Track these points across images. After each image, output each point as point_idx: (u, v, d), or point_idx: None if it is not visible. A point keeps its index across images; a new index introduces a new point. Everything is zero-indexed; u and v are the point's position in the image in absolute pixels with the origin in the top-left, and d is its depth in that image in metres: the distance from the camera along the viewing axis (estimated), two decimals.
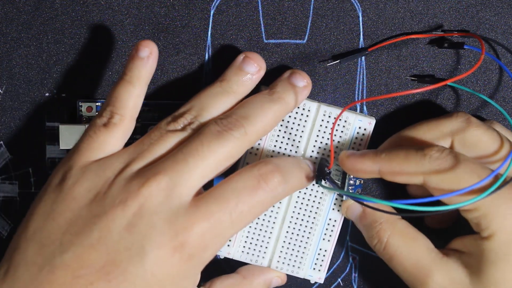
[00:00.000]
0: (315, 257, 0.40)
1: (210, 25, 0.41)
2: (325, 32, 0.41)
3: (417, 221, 0.38)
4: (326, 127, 0.39)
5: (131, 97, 0.36)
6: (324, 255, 0.40)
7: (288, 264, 0.40)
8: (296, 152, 0.39)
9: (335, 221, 0.40)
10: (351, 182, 0.39)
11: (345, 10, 0.40)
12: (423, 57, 0.41)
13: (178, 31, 0.41)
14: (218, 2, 0.40)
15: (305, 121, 0.39)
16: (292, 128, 0.39)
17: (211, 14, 0.41)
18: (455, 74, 0.41)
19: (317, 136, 0.39)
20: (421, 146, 0.35)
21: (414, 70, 0.41)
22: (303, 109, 0.39)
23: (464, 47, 0.39)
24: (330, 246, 0.40)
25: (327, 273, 0.41)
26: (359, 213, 0.38)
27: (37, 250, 0.32)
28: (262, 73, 0.38)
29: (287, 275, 0.40)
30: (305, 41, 0.41)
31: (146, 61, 0.36)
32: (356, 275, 0.42)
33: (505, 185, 0.32)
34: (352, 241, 0.42)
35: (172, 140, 0.35)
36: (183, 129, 0.35)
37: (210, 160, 0.33)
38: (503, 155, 0.35)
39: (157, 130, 0.35)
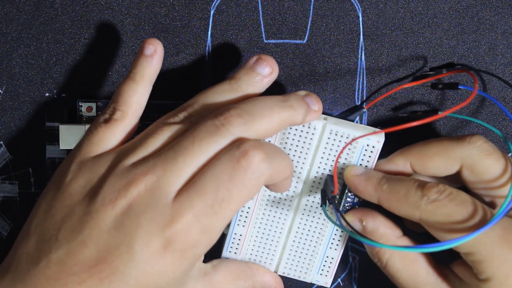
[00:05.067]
0: (322, 263, 0.40)
1: (210, 25, 0.41)
2: (325, 32, 0.41)
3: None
4: (332, 144, 0.37)
5: (134, 94, 0.36)
6: (331, 262, 0.40)
7: (295, 270, 0.40)
8: (302, 168, 0.38)
9: (342, 231, 0.39)
10: (349, 199, 0.38)
11: (345, 10, 0.40)
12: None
13: (178, 31, 0.41)
14: (218, 2, 0.40)
15: (311, 139, 0.37)
16: (297, 146, 0.37)
17: (211, 14, 0.41)
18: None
19: (323, 153, 0.38)
20: (422, 183, 0.35)
21: (414, 70, 0.41)
22: (309, 127, 0.37)
23: (459, 87, 0.39)
24: (337, 254, 0.40)
25: None
26: (359, 229, 0.38)
27: (37, 245, 0.32)
28: (274, 76, 0.36)
29: (289, 278, 0.40)
30: (305, 41, 0.41)
31: (151, 59, 0.36)
32: (356, 275, 0.42)
33: (492, 223, 0.32)
34: (352, 241, 0.42)
35: (167, 134, 0.34)
36: (181, 122, 0.35)
37: (200, 160, 0.33)
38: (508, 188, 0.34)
39: (155, 123, 0.35)
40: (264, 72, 0.36)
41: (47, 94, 0.41)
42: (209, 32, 0.41)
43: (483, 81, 0.41)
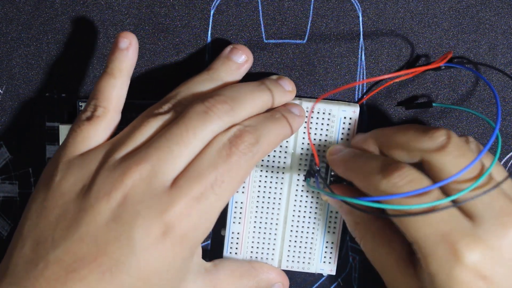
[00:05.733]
0: (323, 250, 0.40)
1: (210, 25, 0.41)
2: (325, 32, 0.41)
3: None
4: (311, 122, 0.39)
5: (113, 89, 0.36)
6: (332, 247, 0.40)
7: (298, 262, 0.40)
8: (286, 147, 0.39)
9: (337, 212, 0.40)
10: (332, 173, 0.39)
11: (345, 10, 0.40)
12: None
13: (178, 31, 0.41)
14: (218, 2, 0.40)
15: None
16: None
17: (211, 14, 0.41)
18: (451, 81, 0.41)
19: (304, 133, 0.39)
20: (387, 164, 0.35)
21: None
22: None
23: (441, 67, 0.39)
24: (336, 237, 0.40)
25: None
26: (338, 205, 0.39)
27: (33, 247, 0.32)
28: (249, 64, 0.39)
29: (292, 274, 0.40)
30: (305, 41, 0.41)
31: (126, 52, 0.36)
32: (356, 275, 0.42)
33: (435, 211, 0.32)
34: (352, 241, 0.42)
35: (154, 124, 0.34)
36: (166, 112, 0.35)
37: (195, 147, 0.33)
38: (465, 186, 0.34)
39: (140, 117, 0.36)
40: (240, 60, 0.38)
41: (47, 94, 0.41)
42: (209, 32, 0.41)
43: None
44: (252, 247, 0.40)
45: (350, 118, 0.39)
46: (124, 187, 0.32)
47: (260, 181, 0.39)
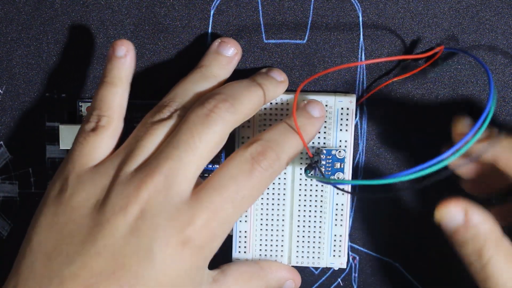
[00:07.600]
0: (332, 244, 0.40)
1: (210, 25, 0.41)
2: (325, 32, 0.41)
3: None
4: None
5: (115, 98, 0.36)
6: (340, 240, 0.40)
7: (308, 257, 0.40)
8: None
9: (342, 204, 0.40)
10: (323, 162, 0.39)
11: (345, 10, 0.40)
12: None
13: (178, 31, 0.41)
14: (218, 2, 0.40)
15: (287, 114, 0.39)
16: (276, 120, 0.39)
17: (211, 14, 0.41)
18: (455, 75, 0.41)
19: None
20: None
21: None
22: (282, 103, 0.39)
23: (440, 56, 0.39)
24: (344, 230, 0.40)
25: (326, 274, 0.41)
26: (459, 223, 0.33)
27: (45, 263, 0.32)
28: (239, 56, 0.39)
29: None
30: (305, 41, 0.41)
31: (124, 60, 0.36)
32: (356, 275, 0.42)
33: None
34: (352, 241, 0.42)
35: (159, 132, 0.34)
36: (169, 117, 0.35)
37: (203, 151, 0.33)
38: None
39: (143, 125, 0.35)
40: (229, 53, 0.38)
41: (47, 94, 0.41)
42: (209, 32, 0.41)
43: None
44: (260, 245, 0.40)
45: (348, 109, 0.39)
46: (140, 200, 0.32)
47: None
